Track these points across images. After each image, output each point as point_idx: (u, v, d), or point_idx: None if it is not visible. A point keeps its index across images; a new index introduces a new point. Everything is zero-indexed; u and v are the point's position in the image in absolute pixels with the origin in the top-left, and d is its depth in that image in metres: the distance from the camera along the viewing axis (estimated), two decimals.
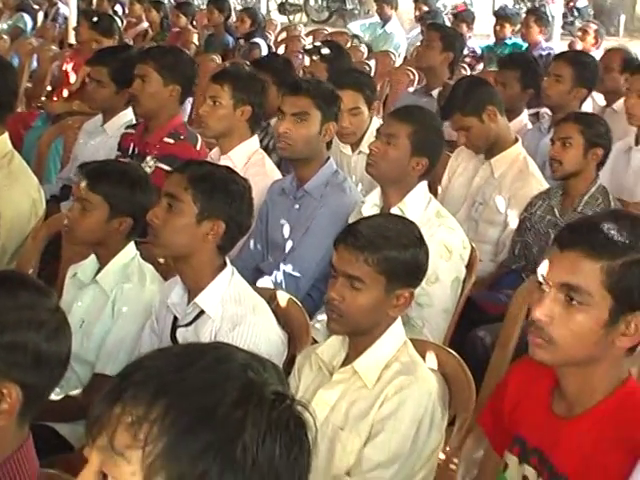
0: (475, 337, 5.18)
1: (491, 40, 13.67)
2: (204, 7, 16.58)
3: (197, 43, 13.34)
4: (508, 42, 12.67)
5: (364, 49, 12.78)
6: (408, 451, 3.42)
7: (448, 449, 3.64)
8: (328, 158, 5.46)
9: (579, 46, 11.86)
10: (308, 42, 13.07)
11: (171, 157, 5.96)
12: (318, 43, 8.65)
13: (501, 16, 13.18)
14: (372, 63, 11.37)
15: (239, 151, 5.82)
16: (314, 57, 7.95)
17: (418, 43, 11.10)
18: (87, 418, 1.75)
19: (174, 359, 1.76)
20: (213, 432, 1.65)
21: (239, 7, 18.90)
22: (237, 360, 1.77)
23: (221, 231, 3.91)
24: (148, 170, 5.91)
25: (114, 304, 4.26)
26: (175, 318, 4.03)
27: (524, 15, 13.39)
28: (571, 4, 23.73)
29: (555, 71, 7.28)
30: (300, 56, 10.29)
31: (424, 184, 5.08)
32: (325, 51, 7.89)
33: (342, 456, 3.47)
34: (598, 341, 2.76)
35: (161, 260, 4.37)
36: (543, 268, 2.82)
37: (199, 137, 6.29)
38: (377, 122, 6.46)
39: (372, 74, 10.30)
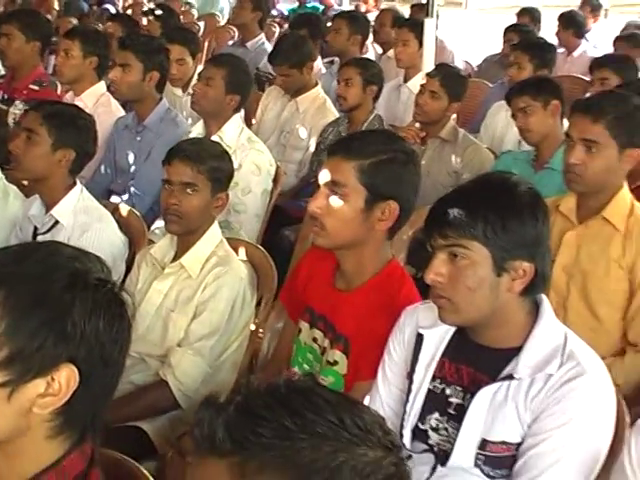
0: (282, 236, 5.24)
1: (296, 4, 13.62)
2: None
3: (57, 8, 12.90)
4: (308, 5, 12.66)
5: (194, 12, 12.59)
6: (225, 325, 3.44)
7: (257, 322, 3.65)
8: (161, 99, 5.40)
9: (363, 8, 11.91)
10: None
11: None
12: (153, 6, 8.54)
13: None
14: (202, 23, 11.23)
15: (89, 94, 5.69)
16: (150, 17, 7.87)
17: None
18: None
19: (13, 254, 1.73)
20: (46, 312, 1.62)
21: None
22: (65, 254, 1.74)
23: (71, 158, 3.88)
24: (18, 112, 5.80)
25: None
26: (35, 228, 3.96)
27: None
28: None
29: (335, 26, 7.36)
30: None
31: (237, 116, 5.07)
32: (158, 12, 7.81)
33: (174, 332, 3.47)
34: (360, 226, 2.79)
35: (25, 182, 4.26)
36: (320, 174, 2.85)
37: (58, 83, 6.14)
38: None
39: (201, 32, 10.21)
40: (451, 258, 2.41)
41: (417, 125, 5.44)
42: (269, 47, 7.68)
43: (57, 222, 3.88)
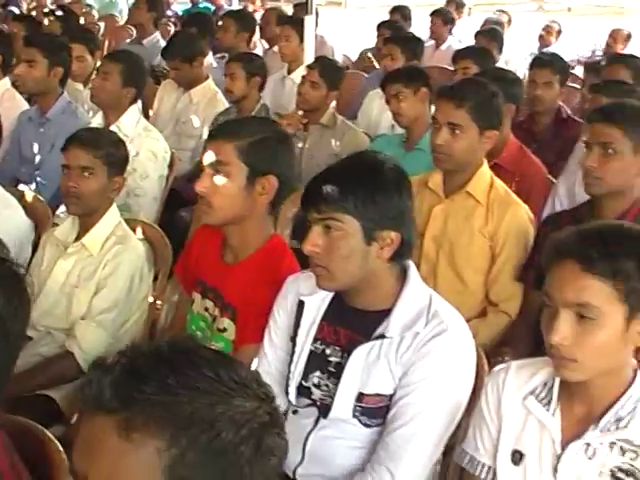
0: (179, 216, 5.19)
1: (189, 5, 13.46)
2: None
3: None
4: (200, 6, 12.52)
5: (95, 13, 12.35)
6: (125, 298, 3.42)
7: (155, 295, 3.63)
8: (62, 93, 5.30)
9: (250, 8, 11.84)
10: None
11: None
12: (53, 7, 8.38)
13: None
14: (102, 24, 11.04)
15: None
16: (51, 18, 7.72)
17: None
18: None
19: None
20: None
21: None
22: None
23: None
24: None
25: None
26: None
27: None
28: None
29: (223, 24, 7.34)
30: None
31: (134, 107, 5.01)
32: (59, 13, 7.66)
33: (77, 306, 3.43)
34: (244, 201, 2.79)
35: None
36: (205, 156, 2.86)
37: None
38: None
39: (102, 32, 10.03)
40: (326, 230, 2.43)
41: (300, 113, 5.44)
42: (164, 44, 7.59)
43: None
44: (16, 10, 11.62)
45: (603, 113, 3.36)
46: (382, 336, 2.45)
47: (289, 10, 9.94)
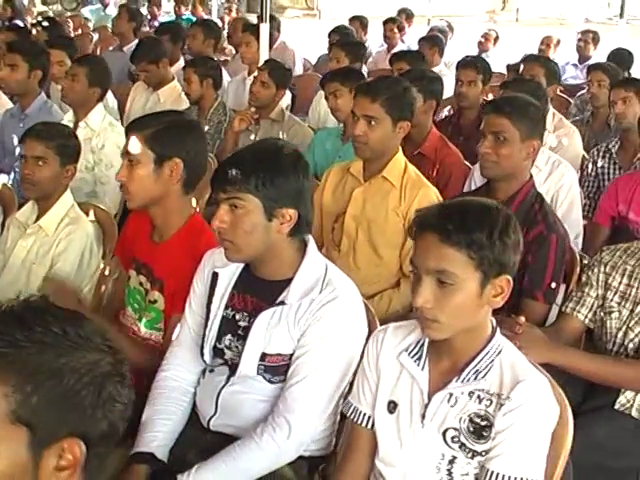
0: None
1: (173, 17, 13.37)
2: None
3: None
4: (184, 18, 12.41)
5: (90, 25, 12.26)
6: (76, 273, 3.39)
7: (102, 269, 3.59)
8: (40, 92, 5.26)
9: (227, 19, 11.76)
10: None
11: None
12: (40, 18, 8.29)
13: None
14: (95, 35, 10.96)
15: None
16: (38, 28, 7.64)
17: None
18: None
19: None
20: None
21: None
22: None
23: None
24: None
25: None
26: None
27: None
28: None
29: (192, 32, 7.26)
30: None
31: (100, 105, 4.96)
32: (45, 23, 7.58)
33: (34, 280, 3.40)
34: (155, 184, 2.79)
35: None
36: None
37: None
38: None
39: (95, 41, 9.95)
40: (232, 209, 2.40)
41: (252, 109, 5.40)
42: None
43: None
44: (21, 24, 11.55)
45: (494, 105, 3.35)
46: (282, 302, 2.43)
47: (254, 19, 9.87)
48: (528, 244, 3.20)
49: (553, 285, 3.22)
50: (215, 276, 2.59)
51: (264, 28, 6.36)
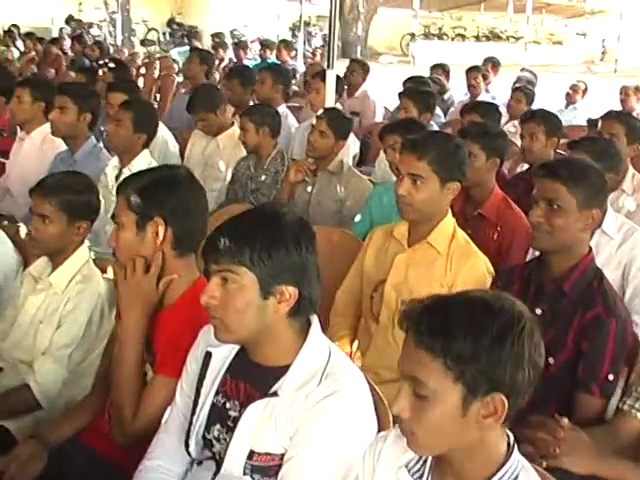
0: None
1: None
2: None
3: (65, 64, 12.61)
4: (269, 61, 12.25)
5: (175, 67, 12.25)
6: (84, 335, 3.12)
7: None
8: (90, 136, 5.09)
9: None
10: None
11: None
12: (107, 60, 8.22)
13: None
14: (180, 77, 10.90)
15: (37, 133, 5.40)
16: (104, 69, 7.54)
17: None
18: None
19: None
20: None
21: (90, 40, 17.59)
22: None
23: None
24: None
25: None
26: None
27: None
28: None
29: (261, 77, 6.97)
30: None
31: (146, 151, 4.76)
32: (111, 65, 7.48)
33: (41, 341, 3.15)
34: (139, 246, 2.56)
35: None
36: None
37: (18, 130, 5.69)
38: None
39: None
40: (223, 282, 2.11)
41: (310, 160, 5.12)
42: None
43: None
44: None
45: (548, 168, 2.96)
46: (275, 394, 2.10)
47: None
48: (584, 328, 2.83)
49: (611, 377, 2.79)
50: (208, 356, 2.28)
51: (331, 75, 6.07)
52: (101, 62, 8.43)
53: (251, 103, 6.94)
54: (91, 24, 22.85)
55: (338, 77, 6.59)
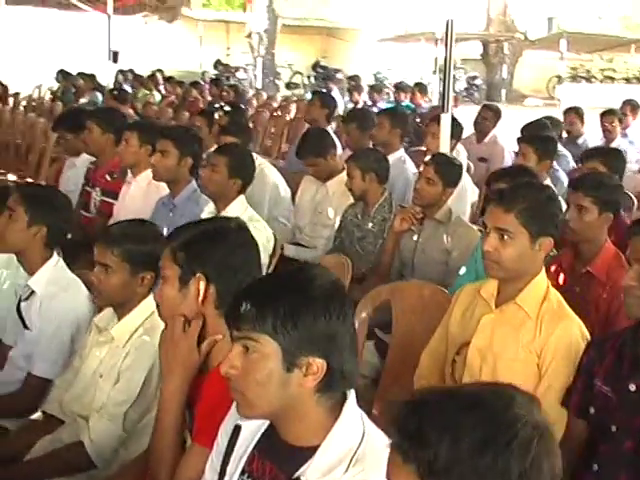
0: None
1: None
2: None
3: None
4: (403, 104, 12.06)
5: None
6: (141, 393, 2.96)
7: None
8: (191, 181, 5.01)
9: None
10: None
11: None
12: (222, 104, 8.22)
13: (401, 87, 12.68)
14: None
15: (143, 176, 5.36)
16: (220, 113, 7.52)
17: None
18: None
19: None
20: None
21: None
22: None
23: (44, 232, 3.46)
24: (97, 199, 5.73)
25: None
26: (20, 296, 3.56)
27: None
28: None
29: (379, 121, 6.69)
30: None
31: (242, 197, 4.64)
32: (227, 108, 7.46)
33: (99, 396, 3.01)
34: (182, 303, 2.43)
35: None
36: None
37: (128, 172, 5.60)
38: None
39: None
40: (245, 351, 1.89)
41: (417, 208, 4.87)
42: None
43: (33, 291, 3.48)
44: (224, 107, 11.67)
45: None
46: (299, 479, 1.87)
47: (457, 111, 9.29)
48: None
49: None
50: (237, 429, 2.06)
51: (445, 118, 5.81)
52: (217, 105, 8.44)
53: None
54: (237, 68, 23.30)
55: (455, 121, 6.30)
